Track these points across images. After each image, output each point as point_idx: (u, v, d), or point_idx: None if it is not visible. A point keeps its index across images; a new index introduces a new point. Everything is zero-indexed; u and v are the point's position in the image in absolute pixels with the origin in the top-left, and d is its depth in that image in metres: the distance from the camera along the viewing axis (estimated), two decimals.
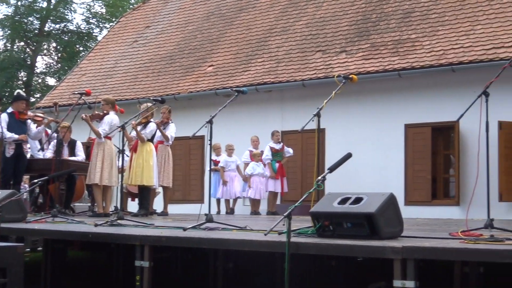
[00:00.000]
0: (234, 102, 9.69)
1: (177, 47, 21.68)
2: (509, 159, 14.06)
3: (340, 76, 7.85)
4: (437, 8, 16.97)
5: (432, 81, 15.64)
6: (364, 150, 16.08)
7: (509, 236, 6.49)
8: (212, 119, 8.34)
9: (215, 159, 17.08)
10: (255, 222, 10.59)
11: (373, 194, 6.49)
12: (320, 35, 18.39)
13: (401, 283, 5.55)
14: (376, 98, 16.42)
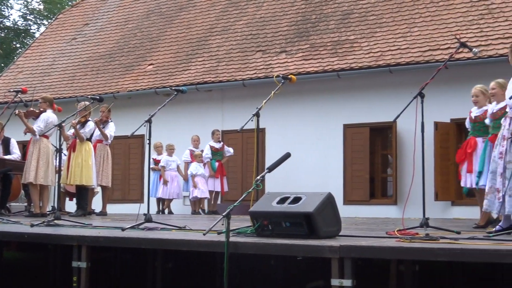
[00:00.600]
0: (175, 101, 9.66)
1: (116, 45, 21.49)
2: (444, 159, 14.34)
3: (279, 76, 7.89)
4: (375, 10, 17.20)
5: (370, 82, 15.85)
6: (304, 150, 16.21)
7: (443, 235, 6.64)
8: (151, 118, 8.30)
9: (156, 158, 17.02)
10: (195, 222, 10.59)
11: (311, 194, 6.56)
12: (260, 35, 18.46)
13: (339, 282, 5.62)
14: (315, 98, 16.56)
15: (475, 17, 15.43)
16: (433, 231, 7.27)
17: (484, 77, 14.44)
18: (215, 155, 16.45)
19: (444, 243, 5.77)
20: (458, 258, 5.42)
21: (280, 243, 6.02)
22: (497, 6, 15.40)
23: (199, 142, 16.95)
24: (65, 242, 7.50)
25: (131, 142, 18.34)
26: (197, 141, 16.94)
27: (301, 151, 15.97)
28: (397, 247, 5.62)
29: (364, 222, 11.15)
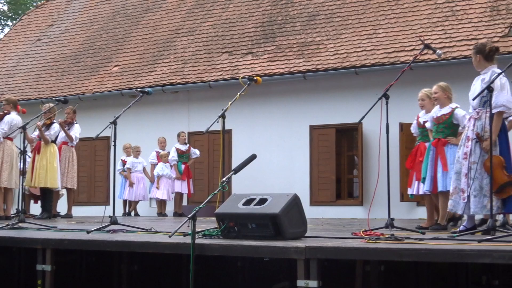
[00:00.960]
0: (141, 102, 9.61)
1: (81, 46, 21.33)
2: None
3: (245, 77, 7.90)
4: (341, 12, 17.29)
5: (336, 83, 15.92)
6: (270, 151, 16.24)
7: (408, 235, 6.69)
8: (116, 120, 8.24)
9: (124, 159, 16.95)
10: (161, 224, 10.54)
11: (277, 195, 6.56)
12: (227, 36, 18.44)
13: (304, 283, 5.63)
14: (282, 100, 16.59)
15: (440, 19, 15.59)
16: (398, 231, 7.33)
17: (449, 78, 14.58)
18: (181, 158, 16.41)
19: (409, 244, 5.81)
20: (422, 258, 5.47)
21: (246, 245, 6.02)
22: (461, 8, 15.57)
23: (165, 144, 16.89)
24: (29, 245, 7.42)
25: (97, 144, 18.23)
26: (164, 143, 16.88)
27: (267, 152, 16.01)
28: (363, 248, 5.64)
29: (330, 223, 11.20)
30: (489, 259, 5.13)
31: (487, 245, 5.52)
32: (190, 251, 5.90)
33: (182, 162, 16.38)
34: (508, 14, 14.83)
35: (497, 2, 15.25)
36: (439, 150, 8.42)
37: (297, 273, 5.69)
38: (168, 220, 13.86)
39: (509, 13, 14.85)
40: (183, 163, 16.41)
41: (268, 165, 15.99)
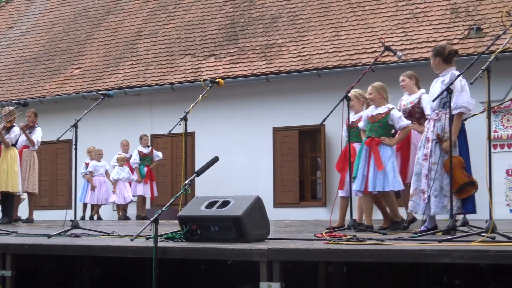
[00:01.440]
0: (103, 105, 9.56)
1: (42, 48, 21.11)
2: None
3: (207, 80, 7.88)
4: (303, 14, 17.35)
5: (298, 85, 15.97)
6: (233, 153, 16.24)
7: (370, 236, 6.74)
8: (78, 123, 8.17)
9: (88, 162, 16.81)
10: (123, 228, 10.48)
11: (240, 197, 6.56)
12: (189, 38, 18.40)
13: (267, 285, 5.63)
14: (245, 102, 16.60)
15: (400, 21, 15.73)
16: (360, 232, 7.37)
17: None
18: (144, 160, 16.34)
19: (371, 244, 5.84)
20: (384, 258, 5.50)
21: (208, 248, 6.01)
22: (422, 11, 15.73)
23: (128, 146, 16.81)
24: None
25: (58, 148, 18.05)
26: (127, 145, 16.80)
27: (230, 154, 16.01)
28: (325, 249, 5.66)
29: (294, 225, 11.23)
30: (449, 258, 5.19)
31: (447, 245, 5.57)
32: (153, 254, 5.86)
33: (144, 165, 16.31)
34: (467, 16, 15.02)
35: (457, 5, 15.44)
36: (372, 149, 8.33)
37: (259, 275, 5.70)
38: (131, 223, 13.79)
39: (468, 15, 15.04)
40: (146, 166, 16.35)
41: (231, 167, 15.99)
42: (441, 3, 15.66)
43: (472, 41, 14.29)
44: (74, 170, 8.78)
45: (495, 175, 12.59)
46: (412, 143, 8.65)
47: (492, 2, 15.04)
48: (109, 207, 17.30)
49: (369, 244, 5.92)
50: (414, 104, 8.74)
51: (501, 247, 5.29)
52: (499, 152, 13.44)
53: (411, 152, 8.59)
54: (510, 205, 13.33)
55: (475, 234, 6.12)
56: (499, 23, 13.93)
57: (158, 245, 5.95)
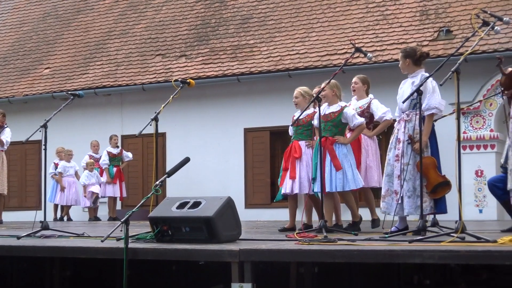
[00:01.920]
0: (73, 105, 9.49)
1: (11, 48, 20.91)
2: None
3: (178, 80, 7.86)
4: (274, 15, 17.38)
5: (270, 86, 15.99)
6: (205, 154, 16.23)
7: (341, 237, 6.76)
8: (47, 123, 8.11)
9: (57, 162, 16.72)
10: (94, 229, 10.41)
11: (211, 198, 6.56)
12: (160, 38, 18.34)
13: (239, 286, 5.63)
14: (216, 103, 16.59)
15: (371, 23, 15.82)
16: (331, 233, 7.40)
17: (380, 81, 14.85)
18: (113, 161, 16.27)
19: (342, 245, 5.87)
20: (355, 259, 5.53)
21: (179, 248, 5.99)
22: (392, 13, 15.83)
23: (98, 147, 16.71)
24: None
25: (27, 148, 17.91)
26: (97, 146, 16.70)
27: (202, 155, 16.00)
28: (296, 250, 5.68)
29: (265, 226, 11.24)
30: (420, 259, 5.23)
31: (417, 246, 5.61)
32: (123, 255, 5.83)
33: (114, 165, 16.25)
34: (437, 18, 15.16)
35: (427, 7, 15.57)
36: (328, 149, 8.20)
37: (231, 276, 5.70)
38: (102, 224, 13.70)
39: (438, 17, 15.17)
40: (115, 166, 16.30)
41: (202, 168, 15.97)
42: (411, 5, 15.79)
43: (441, 43, 14.41)
44: (43, 171, 8.71)
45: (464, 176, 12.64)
46: (363, 147, 8.65)
47: (461, 5, 15.20)
48: (78, 208, 17.18)
49: (340, 244, 5.94)
50: (364, 109, 8.74)
51: (470, 247, 5.34)
52: (468, 153, 13.58)
53: (362, 157, 8.59)
54: (479, 205, 13.48)
55: (445, 235, 6.16)
56: (469, 25, 14.07)
57: (129, 246, 5.92)
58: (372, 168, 8.67)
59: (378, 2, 16.31)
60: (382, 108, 8.78)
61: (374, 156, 8.76)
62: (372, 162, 8.69)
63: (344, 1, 16.79)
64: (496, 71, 13.07)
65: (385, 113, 8.74)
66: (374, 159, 8.74)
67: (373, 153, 8.75)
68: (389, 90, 14.43)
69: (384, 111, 8.76)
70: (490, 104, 13.68)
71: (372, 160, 8.70)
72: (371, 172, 8.67)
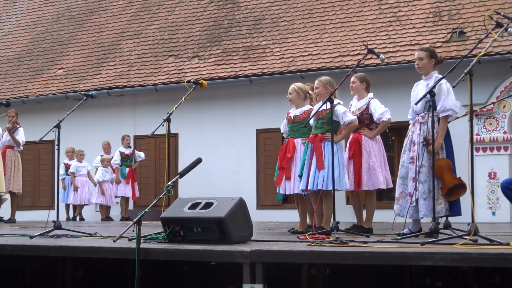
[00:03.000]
0: (86, 106, 9.53)
1: (25, 48, 21.01)
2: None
3: (190, 81, 7.87)
4: (286, 16, 17.37)
5: (282, 87, 15.88)
6: (217, 154, 16.24)
7: (353, 238, 6.75)
8: (60, 123, 8.14)
9: (67, 163, 16.78)
10: (106, 229, 10.45)
11: (223, 199, 6.56)
12: (173, 39, 18.38)
13: (250, 287, 5.63)
14: (228, 104, 16.60)
15: (384, 24, 15.78)
16: (343, 234, 7.39)
17: (392, 82, 14.84)
18: (125, 161, 16.31)
19: (353, 247, 5.87)
20: (366, 261, 5.52)
21: (191, 249, 6.01)
22: (405, 14, 15.79)
23: (110, 147, 16.74)
24: None
25: (41, 148, 17.97)
26: (107, 146, 16.72)
27: (214, 156, 16.01)
28: (308, 251, 5.68)
29: (277, 227, 11.23)
30: (431, 261, 5.22)
31: (429, 248, 5.60)
32: (135, 256, 5.85)
33: (126, 166, 16.29)
34: (450, 20, 15.11)
35: (439, 8, 15.52)
36: (315, 146, 8.12)
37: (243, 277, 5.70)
38: (114, 224, 13.74)
39: (451, 19, 15.12)
40: (127, 167, 16.31)
41: (214, 168, 15.98)
42: (424, 6, 15.74)
43: (454, 44, 14.37)
44: (56, 171, 8.75)
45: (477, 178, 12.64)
46: (364, 149, 8.41)
47: (474, 6, 15.14)
48: (91, 208, 17.23)
49: (352, 246, 5.94)
50: (363, 110, 8.51)
51: (483, 249, 5.33)
52: (481, 155, 13.52)
53: (363, 159, 8.36)
54: (492, 208, 13.42)
55: (457, 237, 6.15)
56: (482, 26, 14.01)
57: (141, 246, 5.94)
58: (376, 169, 8.38)
59: (391, 3, 16.27)
60: (380, 108, 8.46)
61: (377, 157, 8.44)
62: (375, 163, 8.39)
63: (356, 2, 16.76)
64: (509, 73, 13.06)
65: (383, 114, 8.41)
66: (378, 160, 8.43)
67: (375, 154, 8.43)
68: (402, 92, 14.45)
69: (382, 111, 8.42)
70: (504, 106, 13.62)
71: (376, 161, 8.40)
72: (376, 173, 8.37)
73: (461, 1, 15.45)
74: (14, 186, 13.24)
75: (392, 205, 15.18)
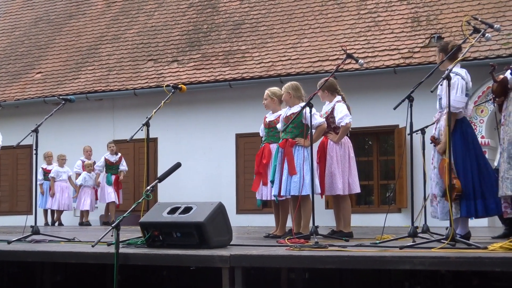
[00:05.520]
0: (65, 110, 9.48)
1: (3, 52, 20.87)
2: None
3: (169, 85, 7.85)
4: (266, 21, 17.40)
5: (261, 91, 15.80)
6: (196, 159, 16.21)
7: (332, 243, 6.77)
8: (38, 128, 8.10)
9: (46, 167, 16.65)
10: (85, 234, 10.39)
11: (202, 204, 6.55)
12: (152, 44, 18.34)
13: None
14: (208, 108, 16.59)
15: (363, 29, 15.86)
16: (322, 239, 7.39)
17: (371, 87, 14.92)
18: (110, 169, 16.26)
19: (333, 251, 5.88)
20: (346, 265, 5.53)
21: (170, 254, 5.99)
22: (383, 19, 15.87)
23: (91, 153, 16.66)
24: None
25: (18, 153, 17.86)
26: (89, 151, 16.65)
27: (193, 160, 15.98)
28: (287, 256, 5.68)
29: (256, 231, 11.23)
30: (410, 265, 5.24)
31: (408, 252, 5.62)
32: (114, 260, 5.83)
33: (112, 174, 16.21)
34: (428, 25, 15.20)
35: (418, 14, 15.62)
36: (286, 151, 8.06)
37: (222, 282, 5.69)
38: (93, 229, 13.67)
39: (429, 24, 15.22)
40: (113, 174, 16.22)
41: (194, 173, 15.95)
42: (403, 11, 15.83)
43: (433, 49, 14.42)
44: (34, 176, 8.69)
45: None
46: (328, 154, 8.36)
47: (452, 12, 15.26)
48: (70, 213, 17.14)
49: (331, 250, 5.95)
50: (328, 114, 8.47)
51: (461, 253, 5.36)
52: None
53: (327, 164, 8.31)
54: None
55: (435, 241, 6.17)
56: (460, 31, 14.13)
57: (120, 251, 5.91)
58: (336, 175, 8.26)
59: (370, 8, 16.35)
60: (341, 112, 8.36)
61: (340, 162, 8.34)
62: (336, 169, 8.28)
63: (336, 8, 16.83)
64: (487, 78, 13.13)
65: (342, 118, 8.31)
66: (338, 166, 8.31)
67: (338, 159, 8.33)
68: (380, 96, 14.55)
69: (342, 115, 8.33)
70: (481, 111, 13.73)
71: (336, 167, 8.29)
72: (335, 179, 8.26)
73: (439, 6, 15.56)
74: None
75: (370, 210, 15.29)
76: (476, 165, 7.04)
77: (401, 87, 12.92)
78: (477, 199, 6.96)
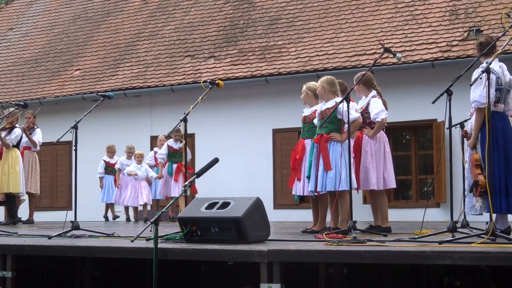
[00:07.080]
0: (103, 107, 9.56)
1: (42, 50, 21.12)
2: None
3: (206, 81, 7.89)
4: (302, 16, 17.36)
5: (298, 86, 15.78)
6: (233, 154, 16.24)
7: (370, 238, 6.74)
8: (77, 124, 8.19)
9: (108, 161, 16.37)
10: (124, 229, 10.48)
11: (240, 199, 6.57)
12: (189, 40, 18.41)
13: (268, 286, 5.63)
14: (244, 103, 16.61)
15: (400, 23, 15.73)
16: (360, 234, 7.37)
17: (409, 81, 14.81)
18: (173, 157, 14.62)
19: (371, 246, 5.85)
20: (384, 260, 5.51)
21: (208, 249, 6.01)
22: (421, 12, 15.73)
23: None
24: None
25: (58, 149, 18.07)
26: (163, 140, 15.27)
27: (230, 156, 16.01)
28: (325, 251, 5.67)
29: (294, 226, 11.23)
30: (449, 260, 5.20)
31: (447, 247, 5.57)
32: (153, 255, 5.87)
33: (173, 162, 14.62)
34: (467, 18, 15.03)
35: (456, 6, 15.45)
36: (321, 147, 8.04)
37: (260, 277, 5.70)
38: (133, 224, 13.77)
39: (467, 17, 15.05)
40: (175, 163, 14.57)
41: (231, 168, 15.99)
42: (440, 4, 15.67)
43: (471, 42, 14.27)
44: (74, 171, 8.78)
45: None
46: (363, 148, 8.33)
47: (491, 4, 15.06)
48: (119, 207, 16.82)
49: (369, 245, 5.92)
50: (364, 109, 8.45)
51: (501, 248, 5.30)
52: None
53: (362, 159, 8.28)
54: None
55: (475, 236, 6.11)
56: (499, 24, 13.94)
57: (159, 246, 5.95)
58: (370, 170, 8.26)
59: (407, 1, 16.22)
60: (376, 108, 8.33)
61: (374, 157, 8.32)
62: (370, 163, 8.27)
63: (373, 1, 16.72)
64: None
65: (378, 114, 8.28)
66: (373, 160, 8.30)
67: (372, 154, 8.32)
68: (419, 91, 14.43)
69: (378, 111, 8.29)
70: None
71: (370, 161, 8.28)
72: (368, 174, 8.26)
73: None
74: (31, 187, 13.31)
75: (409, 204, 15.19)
76: (503, 161, 6.86)
77: (439, 81, 12.83)
78: (501, 196, 6.79)
